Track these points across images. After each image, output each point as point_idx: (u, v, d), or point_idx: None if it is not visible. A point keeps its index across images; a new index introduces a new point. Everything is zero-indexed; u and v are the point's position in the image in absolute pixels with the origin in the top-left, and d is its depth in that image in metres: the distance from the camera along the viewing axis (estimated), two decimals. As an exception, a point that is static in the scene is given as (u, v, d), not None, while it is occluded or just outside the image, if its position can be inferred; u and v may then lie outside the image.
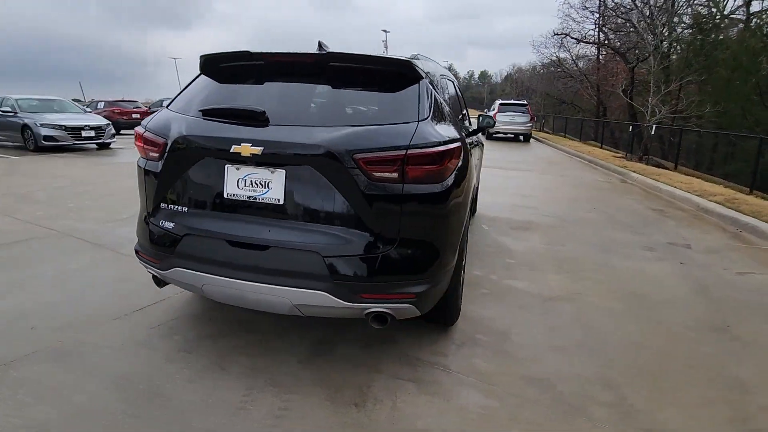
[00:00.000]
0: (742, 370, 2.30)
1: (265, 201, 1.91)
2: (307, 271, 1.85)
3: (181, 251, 2.01)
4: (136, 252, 2.24)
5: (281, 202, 1.89)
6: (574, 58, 23.88)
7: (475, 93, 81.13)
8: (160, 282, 2.25)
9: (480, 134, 4.22)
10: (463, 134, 2.44)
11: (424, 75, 2.14)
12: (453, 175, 2.00)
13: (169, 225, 2.05)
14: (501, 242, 4.30)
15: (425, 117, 1.98)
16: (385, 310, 1.89)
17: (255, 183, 1.91)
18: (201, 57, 2.25)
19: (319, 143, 1.81)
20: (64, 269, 3.23)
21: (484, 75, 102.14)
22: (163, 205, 2.10)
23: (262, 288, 1.88)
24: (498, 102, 17.38)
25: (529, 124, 16.55)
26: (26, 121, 10.10)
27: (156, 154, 2.08)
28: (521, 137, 17.04)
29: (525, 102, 17.61)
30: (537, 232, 4.69)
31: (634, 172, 8.95)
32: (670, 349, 2.49)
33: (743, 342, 2.60)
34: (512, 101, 18.19)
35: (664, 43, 14.28)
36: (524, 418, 1.89)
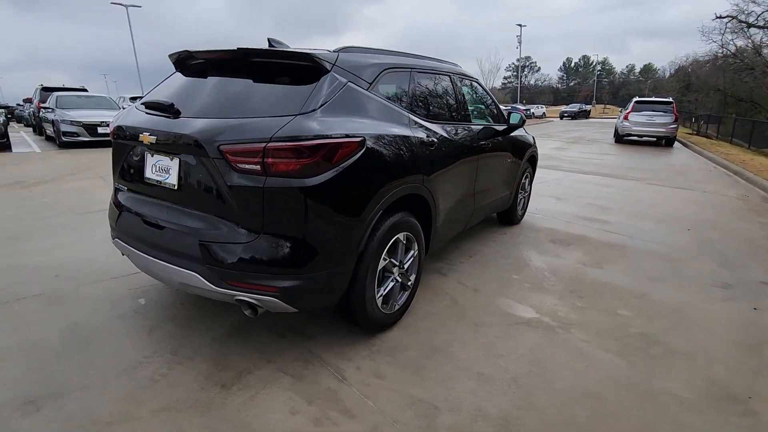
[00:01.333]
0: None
1: (166, 186, 2.11)
2: (187, 253, 2.00)
3: (119, 225, 2.35)
4: None
5: (176, 187, 2.06)
6: (756, 45, 19.21)
7: (634, 90, 71.15)
8: None
9: (512, 133, 3.88)
10: (392, 131, 2.28)
11: (330, 68, 2.09)
12: (332, 172, 1.91)
13: (116, 202, 2.41)
14: (524, 256, 3.83)
15: (311, 110, 1.94)
16: (250, 299, 1.93)
17: (161, 169, 2.12)
18: (169, 56, 2.56)
19: (192, 134, 1.93)
20: (91, 238, 3.95)
21: (647, 69, 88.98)
22: (116, 185, 2.48)
23: (159, 264, 2.09)
24: (633, 100, 15.00)
25: (672, 126, 13.93)
26: (55, 117, 10.89)
27: (113, 142, 2.45)
28: (663, 141, 14.48)
29: (670, 100, 14.84)
30: (580, 249, 4.04)
31: (793, 189, 6.90)
32: None
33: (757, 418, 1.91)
34: (652, 99, 15.50)
35: None
36: (369, 439, 1.74)
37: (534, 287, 3.17)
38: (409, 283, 2.63)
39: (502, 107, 4.11)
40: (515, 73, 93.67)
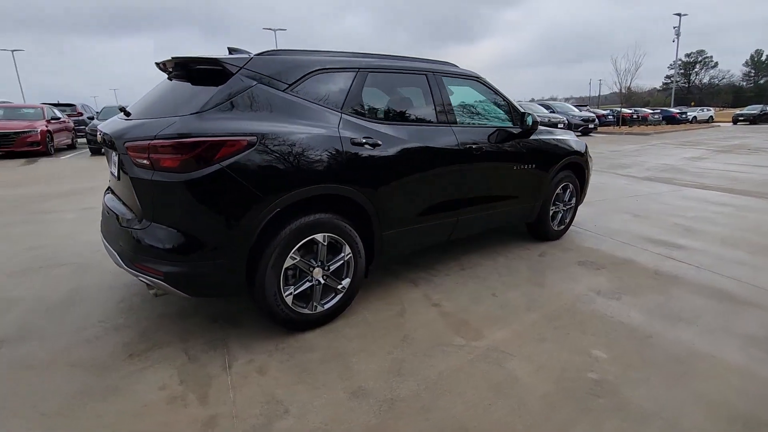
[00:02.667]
0: None
1: (113, 176, 2.48)
2: (115, 236, 2.33)
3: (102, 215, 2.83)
4: None
5: (118, 179, 2.41)
6: None
7: None
8: None
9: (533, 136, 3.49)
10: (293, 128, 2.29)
11: (235, 71, 2.21)
12: (213, 168, 2.03)
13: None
14: (524, 275, 3.37)
15: (205, 110, 2.09)
16: (146, 281, 2.15)
17: (113, 162, 2.50)
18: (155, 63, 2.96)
19: (110, 133, 2.24)
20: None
21: None
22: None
23: (107, 245, 2.48)
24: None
25: None
26: (90, 127, 12.45)
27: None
28: None
29: None
30: (610, 275, 3.38)
31: None
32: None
33: None
34: None
35: None
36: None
37: (506, 311, 2.79)
38: (340, 287, 2.57)
39: (522, 109, 3.68)
40: (683, 71, 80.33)
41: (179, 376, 2.12)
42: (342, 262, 2.56)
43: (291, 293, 2.37)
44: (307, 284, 2.44)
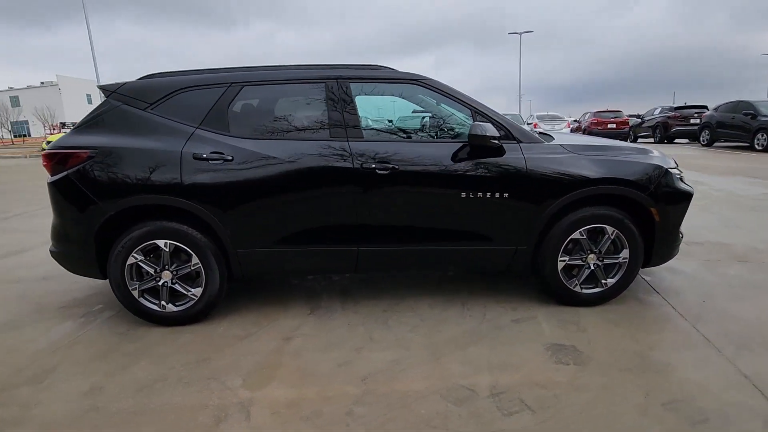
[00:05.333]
0: None
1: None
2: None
3: None
4: None
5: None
6: None
7: None
8: None
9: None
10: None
11: (108, 95, 2.63)
12: (64, 174, 2.52)
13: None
14: (440, 351, 2.53)
15: (78, 126, 2.64)
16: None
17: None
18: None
19: None
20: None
21: None
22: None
23: None
24: None
25: None
26: None
27: None
28: None
29: None
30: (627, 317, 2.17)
31: None
32: None
33: None
34: None
35: None
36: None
37: (313, 377, 2.24)
38: (191, 294, 2.68)
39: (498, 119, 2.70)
40: None
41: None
42: (189, 270, 2.65)
43: (136, 288, 2.65)
44: (152, 283, 2.66)
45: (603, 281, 2.83)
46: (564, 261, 2.78)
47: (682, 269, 3.51)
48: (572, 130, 20.74)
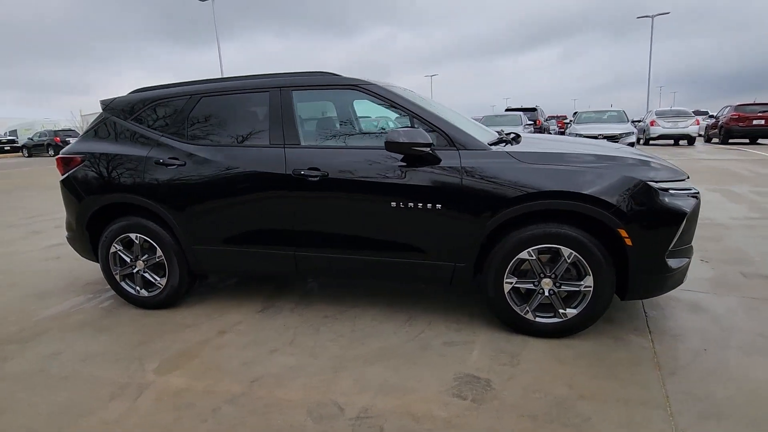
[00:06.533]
0: None
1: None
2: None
3: None
4: None
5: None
6: None
7: None
8: None
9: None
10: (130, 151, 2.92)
11: (104, 108, 3.09)
12: (68, 174, 3.04)
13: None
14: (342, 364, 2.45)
15: (81, 135, 3.14)
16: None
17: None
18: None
19: None
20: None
21: None
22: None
23: None
24: None
25: None
26: (569, 131, 12.63)
27: None
28: None
29: None
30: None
31: None
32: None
33: None
34: None
35: None
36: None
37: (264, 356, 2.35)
38: (158, 282, 3.03)
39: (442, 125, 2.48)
40: None
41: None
42: (155, 261, 3.00)
43: (118, 273, 3.09)
44: (129, 270, 3.07)
45: (561, 311, 2.43)
46: (510, 283, 2.46)
47: (710, 306, 2.82)
48: (709, 127, 17.38)
